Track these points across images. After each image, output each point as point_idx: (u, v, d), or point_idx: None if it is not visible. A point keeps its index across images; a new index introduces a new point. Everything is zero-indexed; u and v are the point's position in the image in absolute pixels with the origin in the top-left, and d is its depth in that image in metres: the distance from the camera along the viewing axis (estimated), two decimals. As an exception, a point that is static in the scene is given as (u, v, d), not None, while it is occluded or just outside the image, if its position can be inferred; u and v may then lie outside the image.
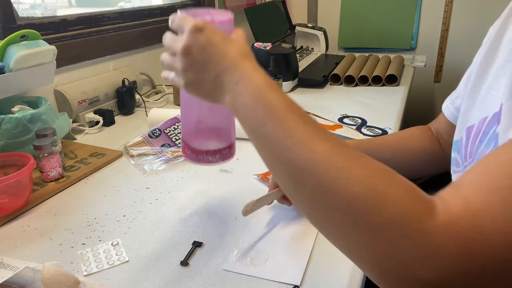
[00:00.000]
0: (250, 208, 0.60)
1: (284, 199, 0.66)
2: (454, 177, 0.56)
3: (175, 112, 0.97)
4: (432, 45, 1.95)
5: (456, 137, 0.56)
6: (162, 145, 0.89)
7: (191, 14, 0.48)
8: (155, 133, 0.91)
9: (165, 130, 0.91)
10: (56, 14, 1.12)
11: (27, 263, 0.56)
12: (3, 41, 0.81)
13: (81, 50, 1.11)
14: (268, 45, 1.33)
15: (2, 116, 0.77)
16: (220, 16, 0.50)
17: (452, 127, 0.66)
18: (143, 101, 1.21)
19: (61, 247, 0.60)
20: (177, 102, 1.24)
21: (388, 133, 0.97)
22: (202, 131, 0.57)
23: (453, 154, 0.56)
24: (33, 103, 0.89)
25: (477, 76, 0.54)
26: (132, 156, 0.88)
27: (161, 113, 0.99)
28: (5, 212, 0.66)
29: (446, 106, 0.66)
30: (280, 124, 0.38)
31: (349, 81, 1.40)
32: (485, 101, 0.50)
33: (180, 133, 0.90)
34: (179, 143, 0.89)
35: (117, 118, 1.15)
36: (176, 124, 0.92)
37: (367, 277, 0.56)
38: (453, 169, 0.56)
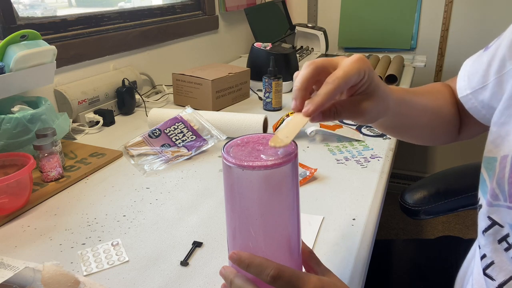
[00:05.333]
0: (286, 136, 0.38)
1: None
2: (489, 210, 0.46)
3: (175, 112, 0.97)
4: (432, 45, 1.95)
5: (491, 152, 0.47)
6: (162, 145, 0.88)
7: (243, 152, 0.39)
8: (155, 133, 0.91)
9: (165, 130, 0.91)
10: (56, 14, 1.12)
11: (27, 263, 0.56)
12: (3, 41, 0.81)
13: (81, 50, 1.11)
14: (268, 45, 1.33)
15: (2, 116, 0.77)
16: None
17: (471, 117, 0.58)
18: (143, 101, 1.21)
19: (61, 247, 0.60)
20: (177, 102, 1.24)
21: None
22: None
23: (484, 174, 0.47)
24: (33, 103, 0.89)
25: None
26: (132, 156, 0.88)
27: (161, 113, 0.99)
28: (5, 212, 0.66)
29: (468, 98, 0.56)
30: None
31: (349, 81, 1.40)
32: None
33: (180, 133, 0.90)
34: (179, 143, 0.89)
35: (117, 118, 1.15)
36: (176, 124, 0.92)
37: (367, 279, 0.56)
38: (486, 198, 0.46)
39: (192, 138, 0.89)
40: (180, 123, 0.92)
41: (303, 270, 0.44)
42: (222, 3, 1.71)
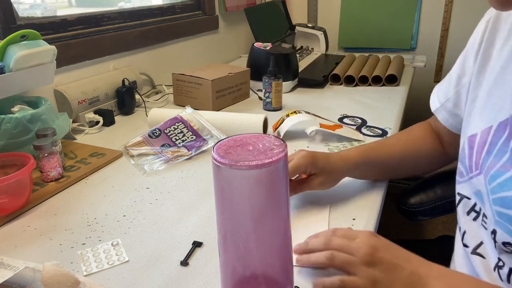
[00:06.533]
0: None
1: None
2: (458, 187, 0.58)
3: (175, 112, 0.97)
4: (432, 45, 1.95)
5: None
6: (162, 145, 0.89)
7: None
8: (155, 133, 0.91)
9: (165, 130, 0.91)
10: (56, 14, 1.12)
11: (27, 263, 0.56)
12: (3, 41, 0.81)
13: (81, 50, 1.11)
14: (268, 45, 1.33)
15: (2, 116, 0.77)
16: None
17: (450, 132, 0.68)
18: (143, 101, 1.21)
19: (61, 247, 0.60)
20: (177, 102, 1.24)
21: (388, 134, 0.97)
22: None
23: (458, 163, 0.57)
24: (33, 103, 0.89)
25: (475, 80, 0.55)
26: (132, 156, 0.88)
27: (161, 113, 0.99)
28: (5, 212, 0.66)
29: (439, 110, 0.68)
30: None
31: (349, 81, 1.40)
32: (485, 109, 0.51)
33: (180, 133, 0.90)
34: (179, 143, 0.89)
35: (117, 118, 1.15)
36: (176, 124, 0.92)
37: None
38: (457, 179, 0.58)
39: (192, 138, 0.89)
40: (180, 123, 0.92)
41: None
42: (222, 3, 1.71)
